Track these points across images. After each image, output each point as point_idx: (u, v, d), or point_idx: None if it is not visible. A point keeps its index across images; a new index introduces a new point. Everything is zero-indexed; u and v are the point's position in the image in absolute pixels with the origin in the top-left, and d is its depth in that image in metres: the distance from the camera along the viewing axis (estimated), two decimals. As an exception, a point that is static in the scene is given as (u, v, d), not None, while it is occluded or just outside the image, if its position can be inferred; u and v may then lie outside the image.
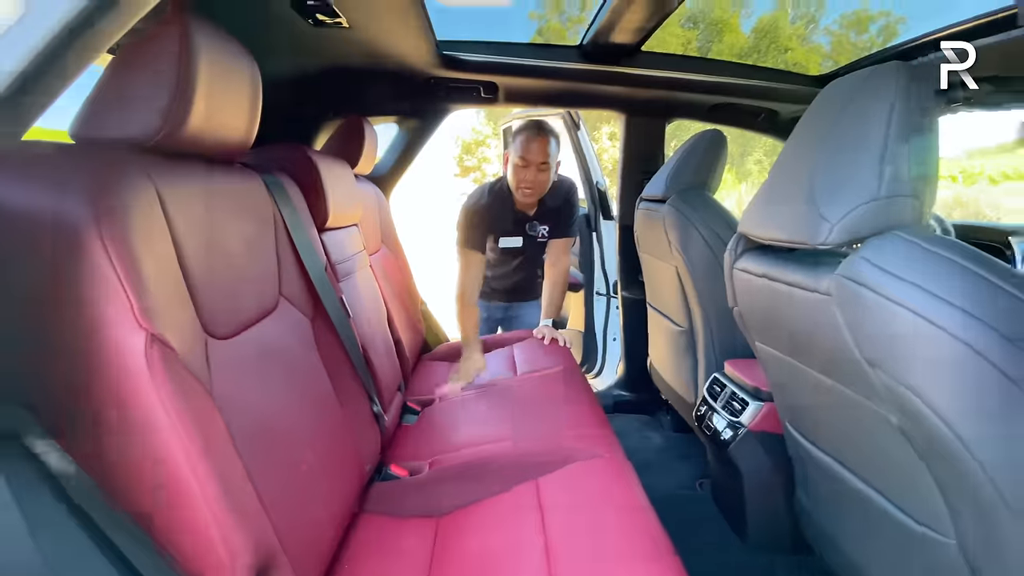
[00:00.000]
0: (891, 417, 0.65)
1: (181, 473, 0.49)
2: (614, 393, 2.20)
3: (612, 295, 2.39)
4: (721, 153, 1.53)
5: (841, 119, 0.69)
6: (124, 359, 0.47)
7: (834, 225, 0.65)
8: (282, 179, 0.94)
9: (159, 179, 0.57)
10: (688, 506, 1.55)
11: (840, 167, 0.67)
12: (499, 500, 0.98)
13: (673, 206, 1.47)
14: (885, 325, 0.59)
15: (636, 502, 0.93)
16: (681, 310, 1.57)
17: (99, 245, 0.46)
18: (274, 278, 0.86)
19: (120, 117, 0.57)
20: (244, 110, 0.74)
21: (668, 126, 1.94)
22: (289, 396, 0.80)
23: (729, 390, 1.31)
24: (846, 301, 0.64)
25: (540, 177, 1.70)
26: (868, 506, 0.79)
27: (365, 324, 1.18)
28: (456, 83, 1.62)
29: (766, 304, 0.84)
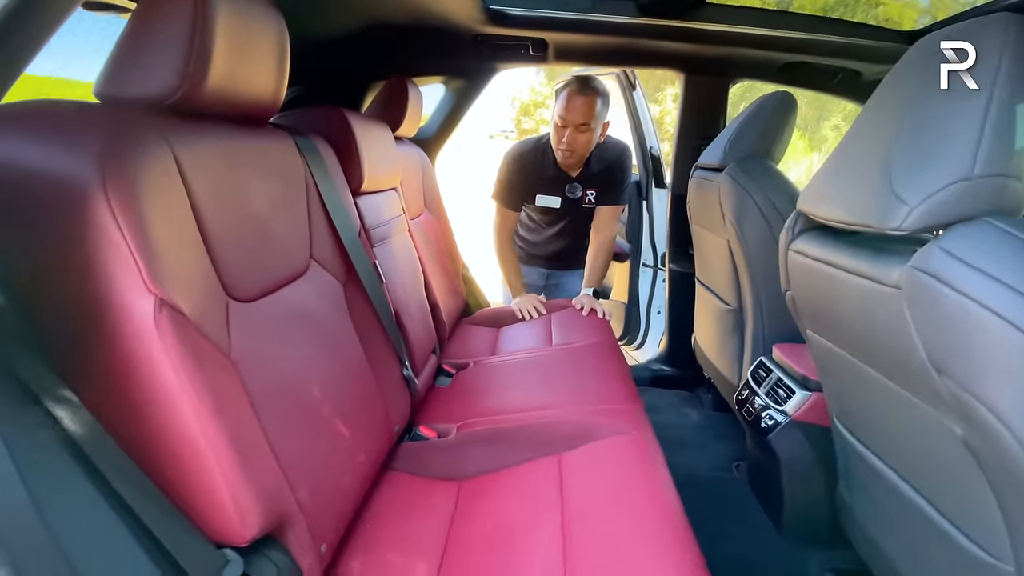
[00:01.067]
0: (955, 428, 0.57)
1: (191, 434, 0.51)
2: (654, 367, 2.14)
3: (659, 267, 2.29)
4: (789, 118, 1.38)
5: (930, 81, 0.58)
6: (133, 323, 0.48)
7: (913, 208, 0.55)
8: (316, 141, 0.93)
9: (176, 140, 0.57)
10: (721, 488, 1.50)
11: (925, 139, 0.57)
12: (521, 469, 0.98)
13: (730, 175, 1.36)
14: (961, 327, 0.51)
15: (658, 482, 0.90)
16: (731, 287, 1.48)
17: (106, 208, 0.46)
18: (305, 241, 0.86)
19: (138, 75, 0.56)
20: (270, 68, 0.72)
21: (736, 88, 1.78)
22: (317, 358, 0.82)
23: (775, 376, 1.23)
24: (918, 297, 0.55)
25: (580, 139, 1.63)
26: (916, 515, 0.72)
27: (399, 289, 1.18)
28: (503, 40, 1.54)
29: (823, 292, 0.76)
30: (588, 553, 0.76)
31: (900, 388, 0.65)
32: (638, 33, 1.50)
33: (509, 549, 0.80)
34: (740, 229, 1.36)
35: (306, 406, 0.75)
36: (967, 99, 0.54)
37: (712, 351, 1.70)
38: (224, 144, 0.68)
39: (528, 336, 1.66)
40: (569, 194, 1.79)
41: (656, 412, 1.95)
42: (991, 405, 0.50)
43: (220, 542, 0.56)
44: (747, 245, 1.35)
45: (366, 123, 1.16)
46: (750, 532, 1.32)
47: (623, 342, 2.47)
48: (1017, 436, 0.49)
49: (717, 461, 1.63)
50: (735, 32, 1.47)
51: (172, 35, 0.56)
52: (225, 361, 0.59)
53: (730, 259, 1.44)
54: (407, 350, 1.15)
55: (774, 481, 1.24)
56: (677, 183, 1.91)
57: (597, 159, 1.77)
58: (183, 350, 0.51)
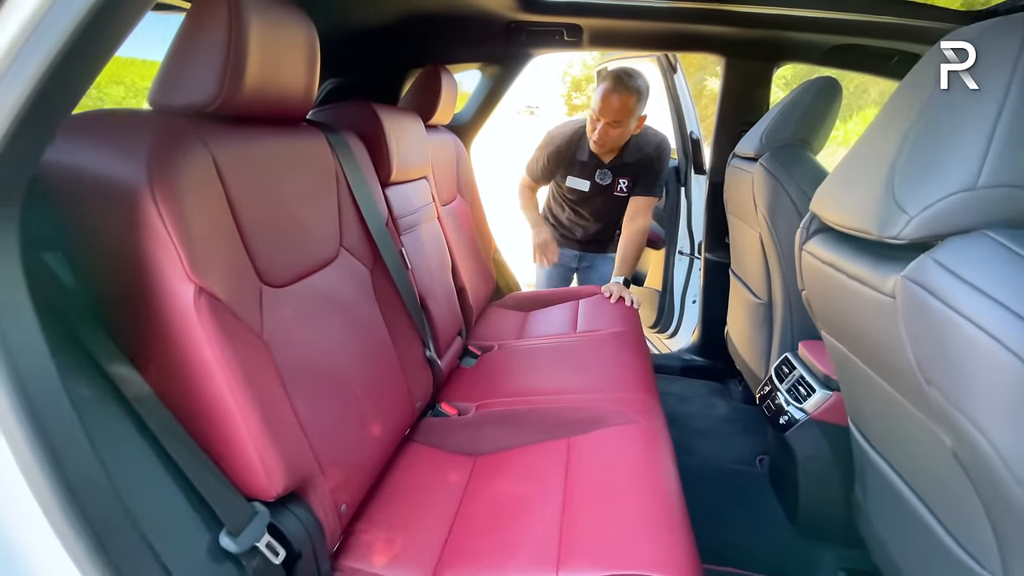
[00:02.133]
0: (946, 439, 0.57)
1: (225, 402, 0.59)
2: (685, 357, 2.12)
3: (696, 255, 2.25)
4: (832, 106, 1.32)
5: (943, 84, 0.57)
6: (176, 306, 0.56)
7: (912, 218, 0.54)
8: (347, 136, 1.00)
9: (215, 144, 0.64)
10: (741, 481, 1.50)
11: (931, 146, 0.56)
12: (532, 449, 1.04)
13: (764, 165, 1.32)
14: (949, 341, 0.51)
15: (661, 471, 0.93)
16: (761, 281, 1.45)
17: (153, 207, 0.54)
18: (334, 230, 0.93)
19: (182, 86, 0.64)
20: (301, 71, 0.78)
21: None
22: (344, 339, 0.89)
23: (798, 373, 1.21)
24: (909, 308, 0.55)
25: (611, 133, 1.66)
26: (919, 522, 0.72)
27: (426, 274, 1.25)
28: (537, 26, 1.54)
29: (831, 295, 0.75)
30: (584, 529, 0.80)
31: (900, 396, 0.65)
32: (676, 17, 1.47)
33: (513, 520, 0.86)
34: (772, 222, 1.33)
35: (332, 382, 0.83)
36: (977, 106, 0.52)
37: (742, 344, 1.68)
38: (259, 144, 0.75)
39: (554, 322, 1.70)
40: (599, 179, 1.82)
41: (684, 402, 1.96)
42: (975, 421, 0.50)
43: (251, 496, 0.65)
44: (779, 239, 1.32)
45: (397, 116, 1.21)
46: (766, 526, 1.32)
47: (656, 330, 2.46)
48: (999, 453, 0.49)
49: (741, 454, 1.63)
50: (779, 14, 1.40)
51: (210, 50, 0.63)
52: (257, 341, 0.68)
53: (761, 252, 1.41)
54: (431, 333, 1.22)
55: (791, 477, 1.24)
56: (715, 170, 1.86)
57: (633, 149, 1.77)
58: (219, 331, 0.59)
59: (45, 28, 0.39)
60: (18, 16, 0.39)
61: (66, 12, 0.39)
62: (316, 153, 0.90)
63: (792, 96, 1.36)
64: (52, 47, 0.39)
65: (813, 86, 1.33)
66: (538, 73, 17.06)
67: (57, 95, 0.41)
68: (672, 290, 2.36)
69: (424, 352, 1.15)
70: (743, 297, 1.61)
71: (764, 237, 1.37)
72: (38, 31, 0.39)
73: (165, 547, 0.53)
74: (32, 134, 0.42)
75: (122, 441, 0.53)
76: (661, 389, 1.95)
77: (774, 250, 1.35)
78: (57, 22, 0.38)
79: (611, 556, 0.75)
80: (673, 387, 2.01)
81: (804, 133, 1.33)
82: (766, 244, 1.38)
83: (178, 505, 0.58)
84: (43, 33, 0.39)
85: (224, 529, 0.60)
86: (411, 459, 1.05)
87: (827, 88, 1.32)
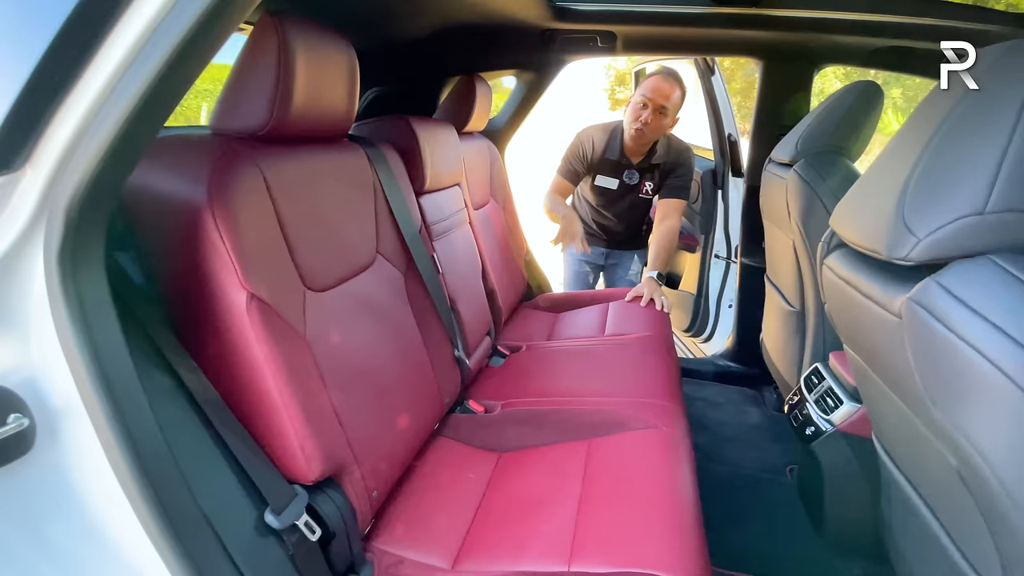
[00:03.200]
0: (951, 459, 0.58)
1: (271, 395, 0.67)
2: (719, 363, 2.11)
3: (732, 260, 2.22)
4: (872, 112, 1.28)
5: (962, 103, 0.57)
6: (230, 310, 0.64)
7: (920, 240, 0.55)
8: (384, 150, 1.07)
9: (265, 165, 0.72)
10: (769, 490, 1.49)
11: (942, 168, 0.56)
12: (554, 449, 1.08)
13: (798, 172, 1.31)
14: (951, 365, 0.51)
15: (678, 477, 0.96)
16: (795, 289, 1.43)
17: (212, 223, 0.62)
18: (372, 238, 1.01)
19: (237, 113, 0.72)
20: (343, 92, 0.86)
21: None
22: (378, 338, 0.97)
23: (827, 384, 1.20)
24: (914, 330, 0.56)
25: (656, 121, 1.70)
26: (931, 536, 0.72)
27: (456, 278, 1.31)
28: (571, 34, 1.57)
29: (847, 310, 0.76)
30: (597, 527, 0.85)
31: (911, 413, 0.65)
32: (711, 23, 1.46)
33: (531, 514, 0.91)
34: (805, 230, 1.31)
35: (367, 378, 0.90)
36: (989, 131, 0.52)
37: (775, 351, 1.66)
38: (304, 162, 0.83)
39: (583, 324, 1.73)
40: (627, 179, 1.86)
41: (715, 408, 1.94)
42: (975, 443, 0.51)
43: (292, 479, 0.73)
44: (812, 247, 1.30)
45: (431, 128, 1.28)
46: (791, 536, 1.32)
47: (689, 334, 2.44)
48: (997, 475, 0.49)
49: (770, 463, 1.61)
50: (821, 17, 1.37)
51: (261, 81, 0.70)
52: (300, 340, 0.75)
53: (795, 260, 1.39)
54: (461, 333, 1.28)
55: (817, 488, 1.23)
56: (752, 174, 1.84)
57: (660, 151, 1.80)
58: (267, 332, 0.67)
59: (148, 50, 0.45)
60: (129, 34, 0.45)
61: (166, 36, 0.44)
62: (355, 167, 0.97)
63: (831, 100, 1.34)
64: (153, 67, 0.44)
65: (853, 90, 1.30)
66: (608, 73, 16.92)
67: (161, 102, 0.48)
68: (707, 294, 2.34)
69: (453, 352, 1.21)
70: (777, 304, 1.59)
71: (797, 245, 1.36)
72: (142, 53, 0.45)
73: (219, 521, 0.61)
74: (130, 147, 0.49)
75: (182, 425, 0.61)
76: (692, 394, 1.96)
77: (807, 258, 1.33)
78: (168, 33, 0.44)
79: (622, 553, 0.79)
80: (704, 392, 2.00)
81: (841, 139, 1.31)
82: (799, 252, 1.36)
83: (230, 485, 0.67)
84: (148, 52, 0.45)
85: (268, 507, 0.68)
86: (439, 452, 1.11)
87: (868, 92, 1.28)
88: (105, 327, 0.52)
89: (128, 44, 0.45)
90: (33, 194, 0.48)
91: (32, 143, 0.47)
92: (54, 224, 0.48)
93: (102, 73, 0.46)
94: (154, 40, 0.45)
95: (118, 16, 0.45)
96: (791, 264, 1.43)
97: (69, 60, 0.45)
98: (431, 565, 0.82)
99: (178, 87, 0.49)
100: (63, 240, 0.49)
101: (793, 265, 1.42)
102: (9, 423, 0.49)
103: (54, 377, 0.52)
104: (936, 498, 0.69)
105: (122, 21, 0.45)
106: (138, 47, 0.45)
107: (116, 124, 0.47)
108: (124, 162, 0.51)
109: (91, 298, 0.52)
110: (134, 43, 0.45)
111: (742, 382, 2.05)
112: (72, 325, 0.50)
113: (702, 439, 1.69)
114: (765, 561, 1.23)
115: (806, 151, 1.33)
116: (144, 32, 0.45)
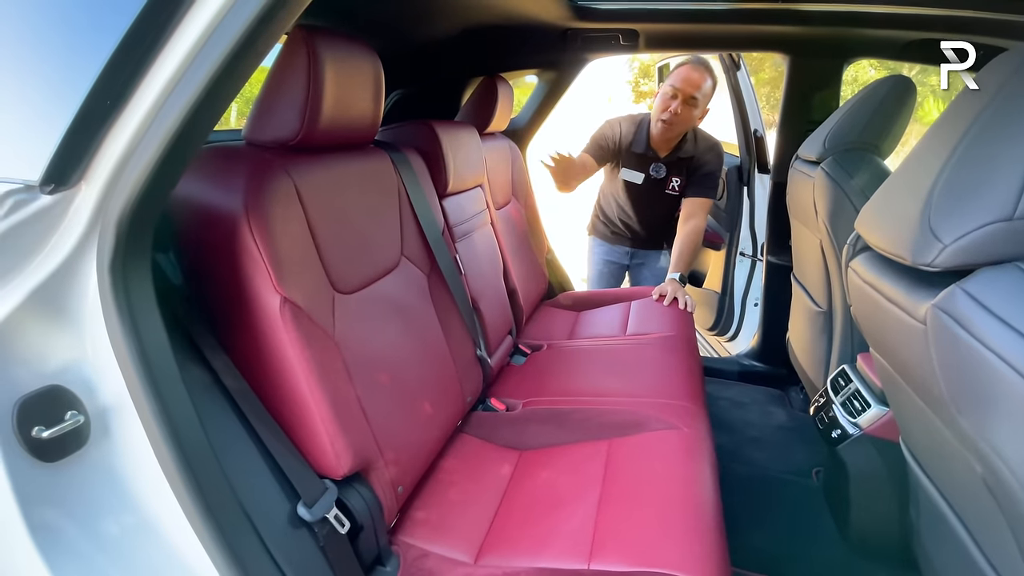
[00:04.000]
0: (977, 467, 0.57)
1: (302, 394, 0.70)
2: (744, 362, 2.08)
3: (758, 257, 2.18)
4: (904, 107, 1.25)
5: (990, 106, 0.56)
6: (265, 313, 0.68)
7: (946, 246, 0.54)
8: (409, 154, 1.09)
9: (296, 174, 0.75)
10: (794, 493, 1.47)
11: (968, 173, 0.55)
12: (574, 448, 1.10)
13: (826, 171, 1.28)
14: (977, 374, 0.51)
15: (699, 478, 0.96)
16: (822, 289, 1.41)
17: (248, 232, 0.66)
18: (396, 241, 1.04)
19: (270, 124, 0.75)
20: (369, 101, 0.88)
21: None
22: (403, 338, 1.00)
23: (854, 387, 1.18)
24: (939, 337, 0.55)
25: (685, 112, 1.67)
26: (959, 544, 0.70)
27: (478, 278, 1.33)
28: (592, 32, 1.57)
29: (872, 314, 0.75)
30: (617, 527, 0.86)
31: (937, 420, 0.65)
32: (735, 19, 1.44)
33: (552, 512, 0.93)
34: (833, 230, 1.28)
35: (392, 377, 0.93)
36: (1016, 136, 0.51)
37: (801, 352, 1.63)
38: (333, 169, 0.86)
39: (605, 323, 1.74)
40: (653, 173, 1.82)
41: (740, 408, 1.92)
42: (1000, 453, 0.50)
43: (322, 474, 0.76)
44: (839, 247, 1.28)
45: (454, 131, 1.30)
46: (816, 539, 1.30)
47: (714, 333, 2.41)
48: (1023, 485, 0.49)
49: (796, 465, 1.59)
50: (850, 11, 1.33)
51: (292, 94, 0.73)
52: (330, 341, 0.79)
53: (822, 259, 1.37)
54: (483, 332, 1.30)
55: (843, 492, 1.21)
56: (779, 171, 1.80)
57: (688, 145, 1.77)
58: (298, 334, 0.70)
59: (192, 73, 0.48)
60: (172, 59, 0.48)
61: (207, 60, 0.47)
62: (381, 172, 1.00)
63: (861, 96, 1.30)
64: (195, 89, 0.47)
65: (884, 85, 1.27)
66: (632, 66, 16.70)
67: (202, 121, 0.51)
68: (732, 292, 2.30)
69: (475, 351, 1.24)
70: (804, 304, 1.56)
71: (825, 245, 1.33)
72: (185, 77, 0.48)
73: (255, 512, 0.65)
74: (174, 163, 0.52)
75: (220, 422, 0.65)
76: (716, 394, 1.94)
77: (834, 259, 1.30)
78: (208, 58, 0.47)
79: (641, 553, 0.80)
80: (729, 392, 1.98)
81: (872, 136, 1.27)
82: (827, 252, 1.33)
83: (265, 479, 0.70)
84: (192, 75, 0.48)
85: (300, 501, 0.71)
86: (462, 449, 1.14)
87: (899, 87, 1.25)
88: (151, 330, 0.56)
89: (172, 68, 0.48)
90: (87, 209, 0.52)
91: (86, 162, 0.51)
92: (106, 237, 0.52)
93: (149, 96, 0.49)
94: (196, 64, 0.48)
95: (162, 44, 0.48)
96: (818, 264, 1.40)
97: (119, 86, 0.49)
98: (455, 559, 0.85)
99: (217, 107, 0.52)
100: (114, 251, 0.52)
101: (820, 265, 1.39)
102: (67, 420, 0.53)
103: (106, 376, 0.56)
104: (963, 505, 0.68)
105: (166, 48, 0.48)
106: (181, 71, 0.49)
107: (162, 143, 0.50)
108: (168, 177, 0.54)
109: (139, 304, 0.55)
110: (178, 67, 0.48)
111: (767, 382, 2.02)
112: (123, 328, 0.54)
113: (726, 439, 1.68)
114: (788, 564, 1.22)
115: (834, 148, 1.30)
116: (187, 57, 0.48)
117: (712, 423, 1.25)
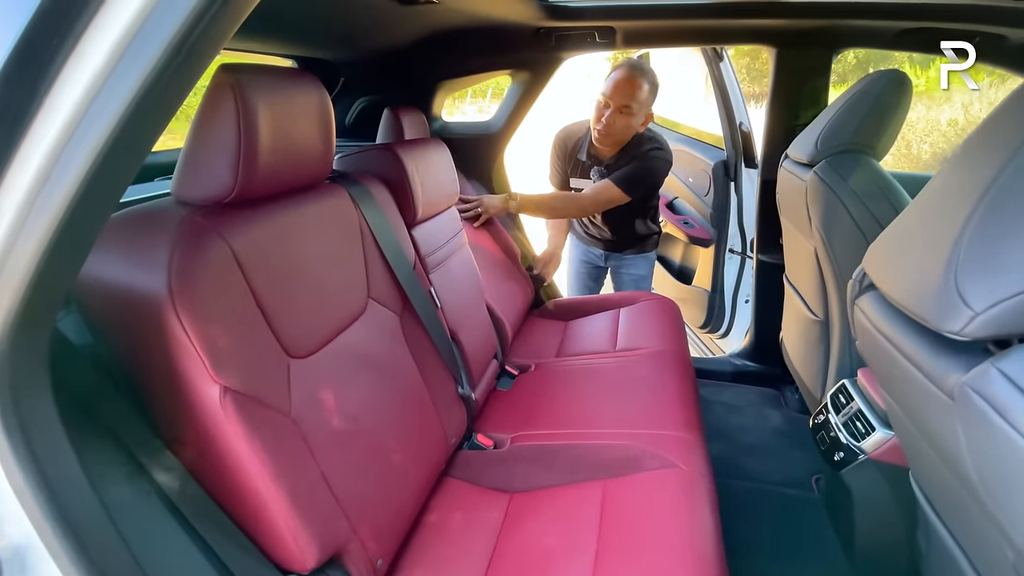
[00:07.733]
0: (1008, 552, 0.51)
1: (257, 488, 0.62)
2: (736, 362, 2.03)
3: (748, 254, 2.12)
4: (900, 104, 1.17)
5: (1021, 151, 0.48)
6: (203, 405, 0.59)
7: (978, 314, 0.47)
8: (370, 185, 1.00)
9: (233, 235, 0.66)
10: (794, 508, 1.43)
11: (1003, 227, 0.48)
12: (566, 492, 1.03)
13: (819, 175, 1.21)
14: (1010, 462, 0.44)
15: (700, 523, 0.90)
16: (818, 298, 1.34)
17: (174, 316, 0.56)
18: (362, 284, 0.95)
19: (199, 181, 0.65)
20: (315, 138, 0.78)
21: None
22: (375, 390, 0.91)
23: (856, 406, 1.13)
24: (969, 417, 0.48)
25: (618, 121, 1.56)
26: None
27: (457, 308, 1.25)
28: (567, 31, 1.47)
29: (883, 362, 0.68)
30: (615, 588, 0.80)
31: (962, 489, 0.58)
32: (716, 12, 1.34)
33: (546, 567, 0.87)
34: (828, 238, 1.22)
35: (363, 439, 0.85)
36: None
37: (796, 358, 1.58)
38: (278, 219, 0.76)
39: (593, 336, 1.66)
40: (594, 179, 1.74)
41: (734, 413, 1.87)
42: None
43: (287, 569, 0.68)
44: (836, 257, 1.21)
45: (420, 153, 1.20)
46: (819, 559, 1.26)
47: (706, 330, 2.36)
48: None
49: (794, 474, 1.55)
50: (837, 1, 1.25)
51: (222, 144, 0.63)
52: (286, 420, 0.70)
53: (817, 268, 1.30)
54: (465, 367, 1.22)
55: (847, 514, 1.16)
56: (767, 167, 1.73)
57: (632, 149, 1.66)
58: (245, 426, 0.62)
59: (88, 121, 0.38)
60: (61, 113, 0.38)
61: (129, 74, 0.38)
62: (338, 211, 0.91)
63: (853, 93, 1.22)
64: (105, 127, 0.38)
65: (878, 81, 1.19)
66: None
67: (110, 182, 0.41)
68: (722, 289, 2.25)
69: (457, 389, 1.16)
70: (798, 310, 1.50)
71: (820, 253, 1.26)
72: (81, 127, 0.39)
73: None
74: (79, 236, 0.42)
75: (161, 536, 0.57)
76: (710, 398, 1.89)
77: (830, 268, 1.24)
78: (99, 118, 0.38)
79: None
80: (723, 396, 1.93)
81: (867, 136, 1.20)
82: (822, 261, 1.27)
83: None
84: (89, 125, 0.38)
85: (261, 603, 0.64)
86: (447, 496, 1.07)
87: (894, 84, 1.17)
88: (56, 457, 0.47)
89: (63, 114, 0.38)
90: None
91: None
92: None
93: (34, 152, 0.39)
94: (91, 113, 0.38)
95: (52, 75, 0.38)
96: (812, 271, 1.34)
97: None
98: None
99: (131, 159, 0.42)
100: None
101: (815, 272, 1.33)
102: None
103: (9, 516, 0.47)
104: (973, 549, 0.63)
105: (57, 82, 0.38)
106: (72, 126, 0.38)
107: (55, 216, 0.40)
108: (67, 267, 0.45)
109: (38, 428, 0.46)
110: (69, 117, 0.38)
111: (761, 382, 1.98)
112: (18, 461, 0.45)
113: (721, 449, 1.63)
114: (793, 589, 1.18)
115: (827, 150, 1.23)
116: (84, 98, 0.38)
117: (707, 431, 1.20)
